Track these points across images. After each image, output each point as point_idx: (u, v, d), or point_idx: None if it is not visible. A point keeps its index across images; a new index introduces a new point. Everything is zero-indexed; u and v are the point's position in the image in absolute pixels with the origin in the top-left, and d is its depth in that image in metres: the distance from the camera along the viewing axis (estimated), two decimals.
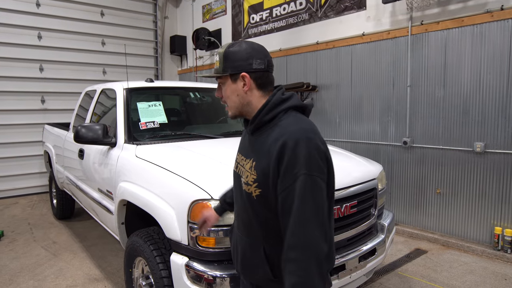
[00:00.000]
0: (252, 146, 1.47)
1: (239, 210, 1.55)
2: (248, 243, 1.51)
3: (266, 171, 1.34)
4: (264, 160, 1.35)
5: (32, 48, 7.26)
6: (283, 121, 1.39)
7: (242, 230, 1.55)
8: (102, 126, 3.23)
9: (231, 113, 1.53)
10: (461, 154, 4.43)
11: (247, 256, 1.52)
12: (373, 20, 5.18)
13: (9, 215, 5.99)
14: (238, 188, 1.53)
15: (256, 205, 1.41)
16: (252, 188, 1.39)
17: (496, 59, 4.08)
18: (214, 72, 1.52)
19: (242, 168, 1.50)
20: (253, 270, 1.51)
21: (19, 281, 3.69)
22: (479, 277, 3.73)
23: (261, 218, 1.42)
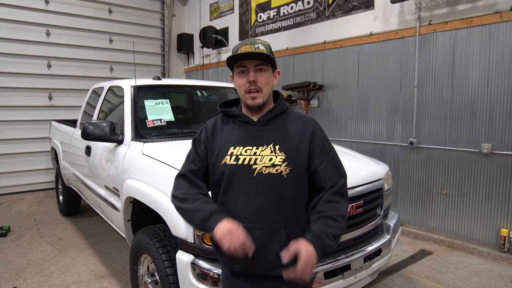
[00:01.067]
0: (267, 134, 1.62)
1: (251, 199, 1.55)
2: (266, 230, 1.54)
3: (298, 149, 1.59)
4: (293, 141, 1.61)
5: (40, 45, 7.31)
6: (295, 113, 1.74)
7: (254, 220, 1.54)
8: (110, 123, 3.25)
9: (261, 100, 1.61)
10: (468, 155, 4.40)
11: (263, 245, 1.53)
12: (381, 19, 5.16)
13: (15, 211, 6.04)
14: (250, 177, 1.55)
15: (285, 184, 1.55)
16: (282, 167, 1.54)
17: (505, 60, 4.04)
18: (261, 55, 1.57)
19: (254, 156, 1.57)
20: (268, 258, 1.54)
21: (25, 277, 3.73)
22: (485, 279, 3.70)
23: (289, 196, 1.57)
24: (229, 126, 1.69)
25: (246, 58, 1.57)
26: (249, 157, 1.56)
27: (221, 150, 1.63)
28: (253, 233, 1.52)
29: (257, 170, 1.54)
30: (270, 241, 1.53)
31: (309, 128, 1.65)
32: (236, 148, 1.60)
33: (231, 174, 1.58)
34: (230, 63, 1.62)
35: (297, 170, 1.57)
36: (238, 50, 1.59)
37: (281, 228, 1.54)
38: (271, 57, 1.59)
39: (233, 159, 1.58)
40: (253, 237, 1.50)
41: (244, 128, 1.65)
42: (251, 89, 1.58)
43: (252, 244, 1.45)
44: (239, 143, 1.61)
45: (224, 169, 1.59)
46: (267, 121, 1.64)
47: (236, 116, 1.69)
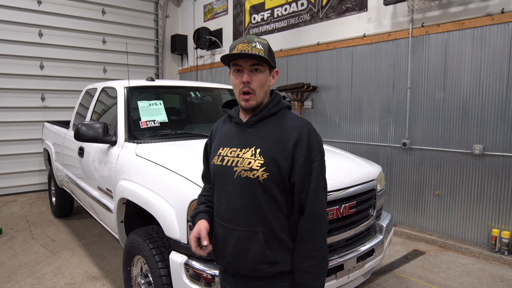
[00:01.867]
0: (251, 136, 1.57)
1: (230, 200, 1.56)
2: (244, 232, 1.53)
3: (277, 155, 1.50)
4: (275, 145, 1.52)
5: (32, 46, 7.27)
6: (287, 115, 1.62)
7: (233, 221, 1.55)
8: (103, 124, 3.24)
9: (255, 102, 1.57)
10: (460, 156, 4.45)
11: (241, 246, 1.54)
12: (374, 21, 5.20)
13: (7, 213, 5.99)
14: (228, 178, 1.55)
15: (262, 189, 1.50)
16: (259, 172, 1.49)
17: (496, 62, 4.09)
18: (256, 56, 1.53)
19: (234, 158, 1.55)
20: (246, 259, 1.54)
21: (17, 279, 3.70)
22: (476, 278, 3.74)
23: (267, 202, 1.51)
24: (226, 126, 1.70)
25: (241, 57, 1.53)
26: (232, 159, 1.56)
27: (214, 150, 1.67)
28: (233, 234, 1.55)
29: (237, 173, 1.53)
30: (248, 243, 1.52)
31: (296, 133, 1.52)
32: (224, 149, 1.61)
33: (217, 174, 1.62)
34: (226, 60, 1.59)
35: (276, 176, 1.49)
36: (234, 47, 1.55)
37: (259, 232, 1.51)
38: (267, 59, 1.54)
39: (219, 160, 1.60)
40: (233, 238, 1.55)
41: (235, 129, 1.64)
42: (244, 91, 1.55)
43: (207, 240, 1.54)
44: (227, 144, 1.62)
45: (213, 169, 1.63)
46: (255, 122, 1.59)
47: (231, 116, 1.68)
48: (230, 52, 1.56)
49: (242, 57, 1.53)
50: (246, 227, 1.53)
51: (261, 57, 1.52)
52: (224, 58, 1.56)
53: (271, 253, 1.51)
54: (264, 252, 1.51)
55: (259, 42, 1.55)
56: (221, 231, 1.60)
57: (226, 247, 1.58)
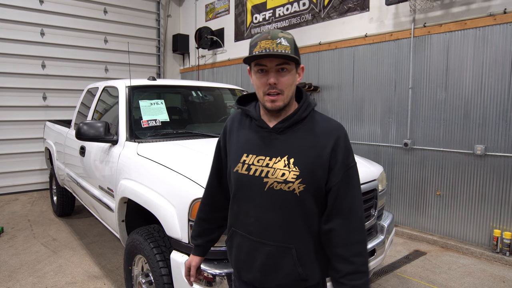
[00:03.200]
0: (282, 143, 1.43)
1: (260, 213, 1.44)
2: (275, 247, 1.42)
3: (313, 164, 1.38)
4: (311, 154, 1.39)
5: (34, 45, 7.27)
6: (318, 118, 1.48)
7: (263, 235, 1.44)
8: (104, 123, 3.24)
9: (282, 103, 1.41)
10: (462, 156, 4.44)
11: (271, 262, 1.43)
12: (376, 21, 5.19)
13: (9, 212, 6.00)
14: (256, 190, 1.43)
15: (297, 202, 1.39)
16: (295, 185, 1.37)
17: (498, 62, 4.08)
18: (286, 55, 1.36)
19: (263, 168, 1.42)
20: (277, 275, 1.44)
21: (18, 278, 3.70)
22: (477, 279, 3.73)
23: (302, 215, 1.41)
24: (245, 127, 1.54)
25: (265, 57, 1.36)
26: (261, 169, 1.42)
27: (235, 155, 1.51)
28: (262, 249, 1.44)
29: (268, 184, 1.40)
30: (279, 259, 1.42)
31: (331, 138, 1.41)
32: (249, 156, 1.46)
33: (242, 184, 1.47)
34: (249, 61, 1.42)
35: (313, 187, 1.39)
36: (256, 44, 1.38)
37: (292, 248, 1.41)
38: (295, 57, 1.38)
39: (244, 168, 1.45)
40: (262, 252, 1.44)
41: (259, 133, 1.48)
42: (271, 92, 1.38)
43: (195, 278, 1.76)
44: (252, 150, 1.47)
45: (236, 177, 1.49)
46: (284, 128, 1.44)
47: (253, 118, 1.51)
48: (250, 48, 1.40)
49: (268, 57, 1.36)
50: (278, 242, 1.42)
51: (290, 56, 1.36)
52: (248, 60, 1.40)
53: (302, 269, 1.42)
54: (296, 269, 1.42)
55: (284, 38, 1.37)
56: (248, 244, 1.48)
57: (254, 261, 1.47)
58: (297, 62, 1.43)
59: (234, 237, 1.55)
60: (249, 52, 1.42)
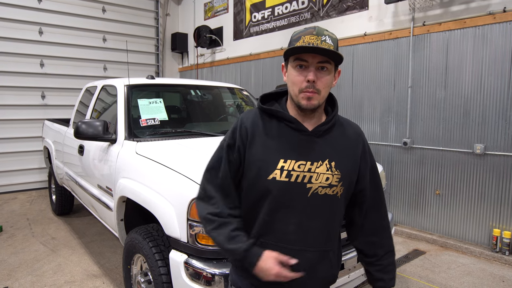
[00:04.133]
0: (321, 147, 1.40)
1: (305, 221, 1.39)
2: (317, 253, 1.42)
3: (351, 167, 1.45)
4: (347, 158, 1.45)
5: (33, 43, 7.25)
6: (342, 120, 1.54)
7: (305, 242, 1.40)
8: (103, 122, 3.23)
9: (317, 102, 1.36)
10: (461, 155, 4.43)
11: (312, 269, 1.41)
12: (375, 20, 5.18)
13: (8, 210, 5.99)
14: (300, 197, 1.37)
15: (337, 205, 1.45)
16: (338, 188, 1.41)
17: (498, 61, 4.08)
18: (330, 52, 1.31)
19: (306, 173, 1.36)
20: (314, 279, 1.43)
21: (17, 276, 3.70)
22: (477, 278, 3.73)
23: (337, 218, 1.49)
24: (274, 130, 1.42)
25: (311, 52, 1.30)
26: (303, 174, 1.35)
27: (266, 162, 1.38)
28: (303, 256, 1.39)
29: (312, 190, 1.36)
30: (317, 263, 1.42)
31: (360, 141, 1.50)
32: (287, 162, 1.36)
33: (282, 192, 1.37)
34: (291, 53, 1.35)
35: (349, 188, 1.46)
36: (300, 38, 1.32)
37: (329, 251, 1.45)
38: (340, 56, 1.33)
39: (284, 175, 1.35)
40: (302, 259, 1.39)
41: (295, 137, 1.40)
42: (308, 90, 1.33)
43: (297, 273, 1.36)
44: (290, 155, 1.37)
45: (273, 186, 1.36)
46: (324, 131, 1.42)
47: (286, 120, 1.42)
48: (292, 42, 1.35)
49: (314, 52, 1.30)
50: (318, 247, 1.42)
51: (336, 53, 1.31)
52: (290, 51, 1.33)
53: (335, 271, 1.51)
54: (331, 271, 1.48)
55: (329, 36, 1.32)
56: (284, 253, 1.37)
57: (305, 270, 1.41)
58: (338, 63, 1.39)
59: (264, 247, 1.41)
60: (289, 46, 1.36)
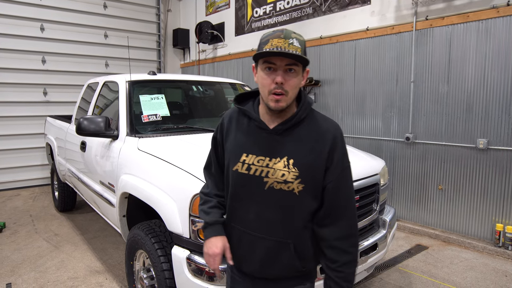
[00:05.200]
0: (281, 144, 1.46)
1: (261, 210, 1.49)
2: (275, 242, 1.49)
3: (313, 164, 1.44)
4: (310, 155, 1.44)
5: (34, 40, 7.25)
6: (316, 116, 1.52)
7: (263, 231, 1.50)
8: (105, 118, 3.23)
9: (285, 104, 1.42)
10: (464, 150, 4.42)
11: (271, 255, 1.50)
12: (378, 15, 5.15)
13: (11, 207, 6.01)
14: (257, 189, 1.47)
15: (296, 201, 1.46)
16: (294, 185, 1.43)
17: (501, 55, 4.05)
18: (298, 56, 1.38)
19: (263, 168, 1.45)
20: (276, 267, 1.52)
21: (20, 273, 3.71)
22: (480, 273, 3.72)
23: (300, 213, 1.48)
24: (244, 127, 1.55)
25: (278, 56, 1.36)
26: (261, 169, 1.45)
27: (233, 154, 1.53)
28: (262, 243, 1.50)
29: (268, 184, 1.44)
30: (279, 253, 1.50)
31: (329, 138, 1.45)
32: (249, 156, 1.49)
33: (242, 183, 1.51)
34: (259, 57, 1.42)
35: (312, 186, 1.45)
36: (268, 42, 1.38)
37: (290, 243, 1.48)
38: (306, 59, 1.39)
39: (244, 168, 1.48)
40: (262, 246, 1.51)
41: (259, 134, 1.50)
42: (276, 91, 1.39)
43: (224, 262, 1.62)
44: (252, 150, 1.49)
45: (235, 176, 1.52)
46: (284, 130, 1.47)
47: (252, 118, 1.53)
48: (261, 44, 1.41)
49: (280, 56, 1.36)
50: (277, 238, 1.48)
51: (302, 57, 1.37)
52: (258, 55, 1.39)
53: (299, 262, 1.51)
54: (293, 262, 1.50)
55: (296, 39, 1.38)
56: (247, 239, 1.54)
57: (254, 255, 1.53)
58: (305, 65, 1.44)
59: (232, 232, 1.59)
60: (258, 48, 1.42)
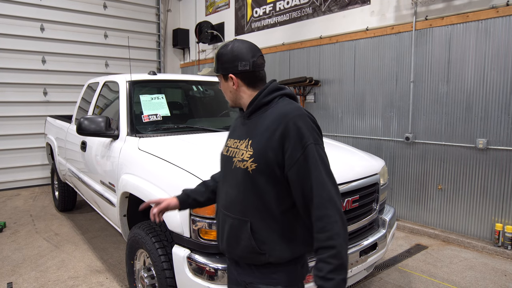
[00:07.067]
0: (248, 128, 1.61)
1: (228, 189, 1.62)
2: (236, 220, 1.57)
3: (264, 146, 1.49)
4: (263, 136, 1.50)
5: (34, 40, 7.25)
6: (279, 103, 1.58)
7: (229, 209, 1.60)
8: (105, 118, 3.23)
9: (229, 104, 1.70)
10: (463, 150, 4.43)
11: (233, 233, 1.58)
12: (377, 14, 5.15)
13: (11, 207, 6.01)
14: (228, 168, 1.62)
15: (250, 179, 1.51)
16: (248, 163, 1.51)
17: (501, 55, 4.06)
18: (213, 70, 1.68)
19: (235, 149, 1.61)
20: (238, 245, 1.57)
21: (21, 272, 3.72)
22: (479, 273, 3.73)
23: (254, 192, 1.52)
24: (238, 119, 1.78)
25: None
26: (233, 150, 1.63)
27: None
28: (228, 221, 1.60)
29: (234, 163, 1.58)
30: (239, 231, 1.56)
31: (283, 122, 1.46)
32: (230, 140, 1.70)
33: (222, 164, 1.71)
34: None
35: (265, 167, 1.47)
36: None
37: (248, 221, 1.53)
38: (214, 70, 1.67)
39: (226, 150, 1.69)
40: (227, 224, 1.60)
41: (238, 121, 1.72)
42: None
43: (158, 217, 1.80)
44: (232, 135, 1.71)
45: (220, 159, 1.74)
46: (249, 114, 1.63)
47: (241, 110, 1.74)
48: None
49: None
50: (237, 215, 1.57)
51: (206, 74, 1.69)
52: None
53: (258, 243, 1.52)
54: (250, 242, 1.53)
55: (215, 55, 1.65)
56: (221, 217, 1.66)
57: (223, 233, 1.64)
58: (223, 73, 1.63)
59: (217, 212, 1.73)
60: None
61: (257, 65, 1.59)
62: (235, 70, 1.58)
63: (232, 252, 1.62)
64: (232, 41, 1.63)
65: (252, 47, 1.61)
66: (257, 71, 1.60)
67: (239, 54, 1.58)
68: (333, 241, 1.37)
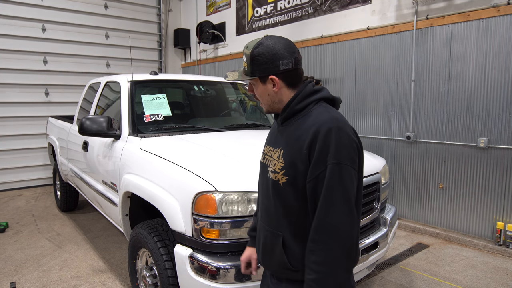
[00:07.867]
0: (281, 135, 1.50)
1: (264, 199, 1.56)
2: (270, 232, 1.50)
3: (294, 158, 1.38)
4: (293, 148, 1.39)
5: (36, 41, 7.27)
6: (314, 111, 1.43)
7: (264, 219, 1.55)
8: (107, 118, 3.24)
9: (265, 109, 1.57)
10: (465, 149, 4.43)
11: (267, 246, 1.52)
12: (378, 14, 5.16)
13: (13, 207, 6.03)
14: (265, 177, 1.54)
15: (282, 192, 1.42)
16: (279, 175, 1.42)
17: (502, 54, 4.06)
18: (243, 73, 1.53)
19: (269, 158, 1.52)
20: (271, 259, 1.51)
21: (24, 272, 3.73)
22: (481, 271, 3.74)
23: (285, 206, 1.43)
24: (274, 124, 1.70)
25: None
26: (268, 158, 1.54)
27: None
28: (263, 231, 1.55)
29: (268, 173, 1.49)
30: (273, 245, 1.48)
31: (312, 132, 1.34)
32: (266, 147, 1.60)
33: (260, 171, 1.63)
34: None
35: (294, 181, 1.38)
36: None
37: (281, 235, 1.45)
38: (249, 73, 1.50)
39: (262, 157, 1.62)
40: (263, 234, 1.55)
41: (274, 127, 1.63)
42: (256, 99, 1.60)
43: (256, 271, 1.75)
44: (268, 142, 1.62)
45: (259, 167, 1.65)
46: (284, 120, 1.51)
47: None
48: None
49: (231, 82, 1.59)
50: (270, 227, 1.50)
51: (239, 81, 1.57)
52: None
53: (290, 259, 1.43)
54: (282, 258, 1.45)
55: (244, 54, 1.51)
56: (258, 226, 1.63)
57: (259, 243, 1.59)
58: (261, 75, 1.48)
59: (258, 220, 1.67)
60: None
61: (298, 62, 1.47)
62: (276, 70, 1.43)
63: (266, 264, 1.56)
64: (263, 38, 1.48)
65: (289, 42, 1.49)
66: (299, 68, 1.48)
67: (279, 52, 1.43)
68: (318, 267, 1.30)
